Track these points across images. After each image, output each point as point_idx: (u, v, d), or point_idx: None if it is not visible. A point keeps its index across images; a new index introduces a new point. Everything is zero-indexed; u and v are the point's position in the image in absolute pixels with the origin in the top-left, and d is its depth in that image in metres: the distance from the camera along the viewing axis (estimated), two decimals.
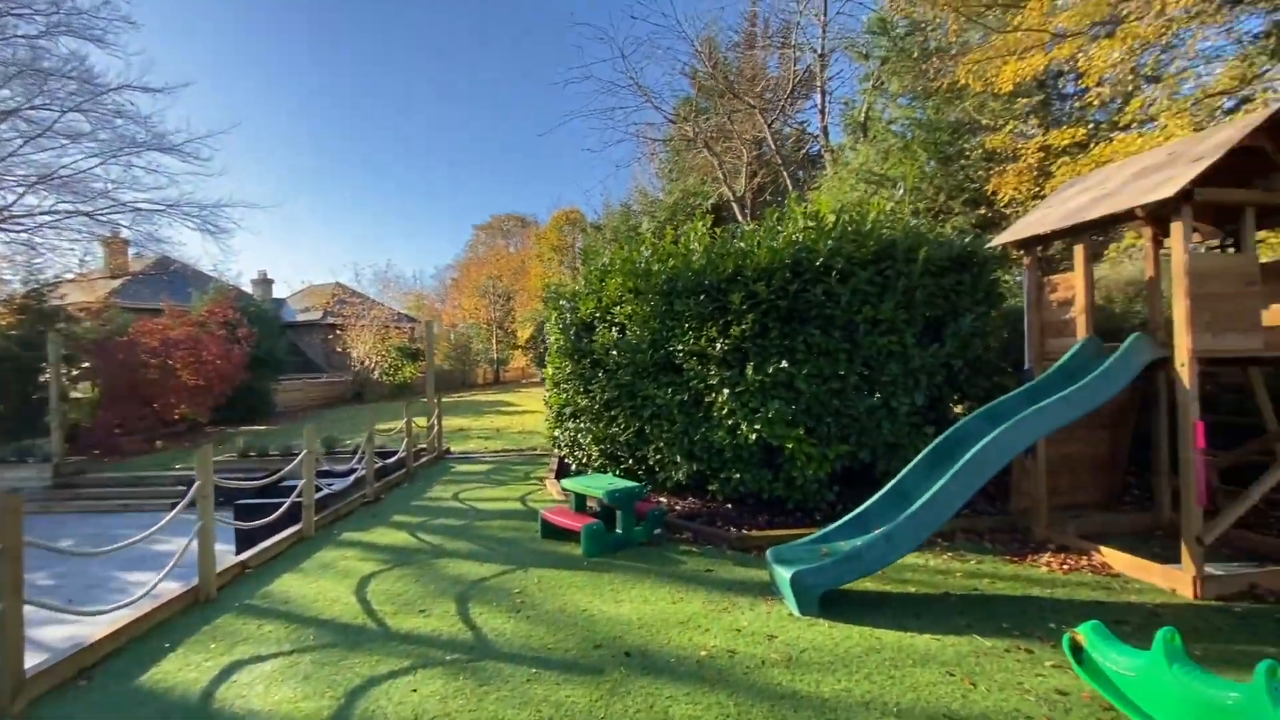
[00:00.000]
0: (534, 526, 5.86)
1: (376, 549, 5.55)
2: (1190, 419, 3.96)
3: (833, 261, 5.59)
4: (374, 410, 9.48)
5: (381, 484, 7.86)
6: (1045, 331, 5.17)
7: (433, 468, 9.63)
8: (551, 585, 4.48)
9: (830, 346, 5.54)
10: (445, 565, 5.02)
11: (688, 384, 6.05)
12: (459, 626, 3.84)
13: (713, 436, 5.85)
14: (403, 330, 30.21)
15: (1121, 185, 4.53)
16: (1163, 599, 3.95)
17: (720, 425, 5.82)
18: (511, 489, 7.83)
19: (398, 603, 4.26)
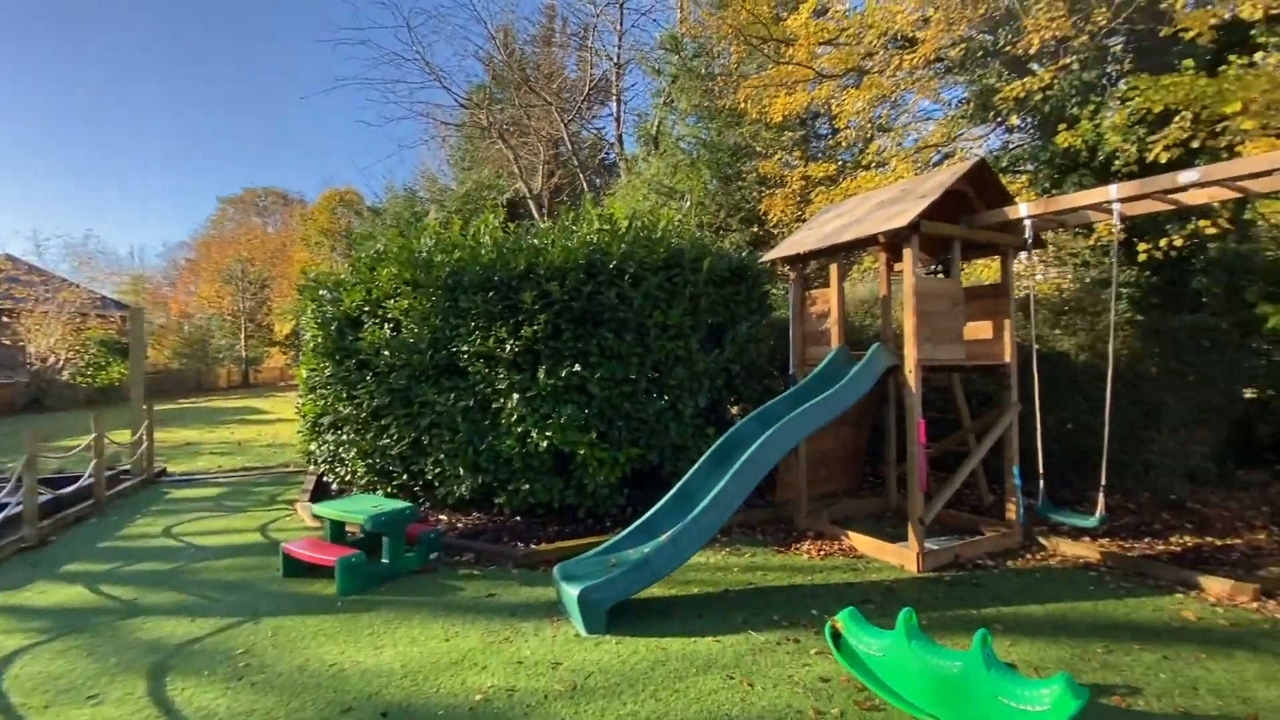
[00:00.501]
0: (275, 563, 4.83)
1: (31, 614, 4.08)
2: (915, 418, 4.62)
3: (626, 265, 5.54)
4: (58, 421, 7.18)
5: (51, 522, 5.92)
6: (806, 340, 5.72)
7: (138, 495, 7.58)
8: (292, 637, 3.65)
9: (623, 350, 5.48)
10: (138, 627, 3.85)
11: (473, 388, 5.52)
12: (147, 713, 2.88)
13: (501, 445, 5.41)
14: (110, 319, 24.13)
15: (866, 214, 5.16)
16: (895, 575, 4.54)
17: (509, 433, 5.41)
18: (250, 517, 6.45)
19: (54, 690, 3.11)
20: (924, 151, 7.14)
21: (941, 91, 7.34)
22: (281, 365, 35.82)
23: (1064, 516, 4.26)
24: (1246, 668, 3.14)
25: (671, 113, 11.99)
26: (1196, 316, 5.76)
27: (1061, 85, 5.34)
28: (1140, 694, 2.94)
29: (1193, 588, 4.14)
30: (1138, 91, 4.48)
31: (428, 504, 6.17)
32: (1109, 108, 4.83)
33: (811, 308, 5.68)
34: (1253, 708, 2.79)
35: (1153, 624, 3.67)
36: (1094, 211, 4.27)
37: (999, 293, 5.25)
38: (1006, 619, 3.78)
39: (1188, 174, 3.62)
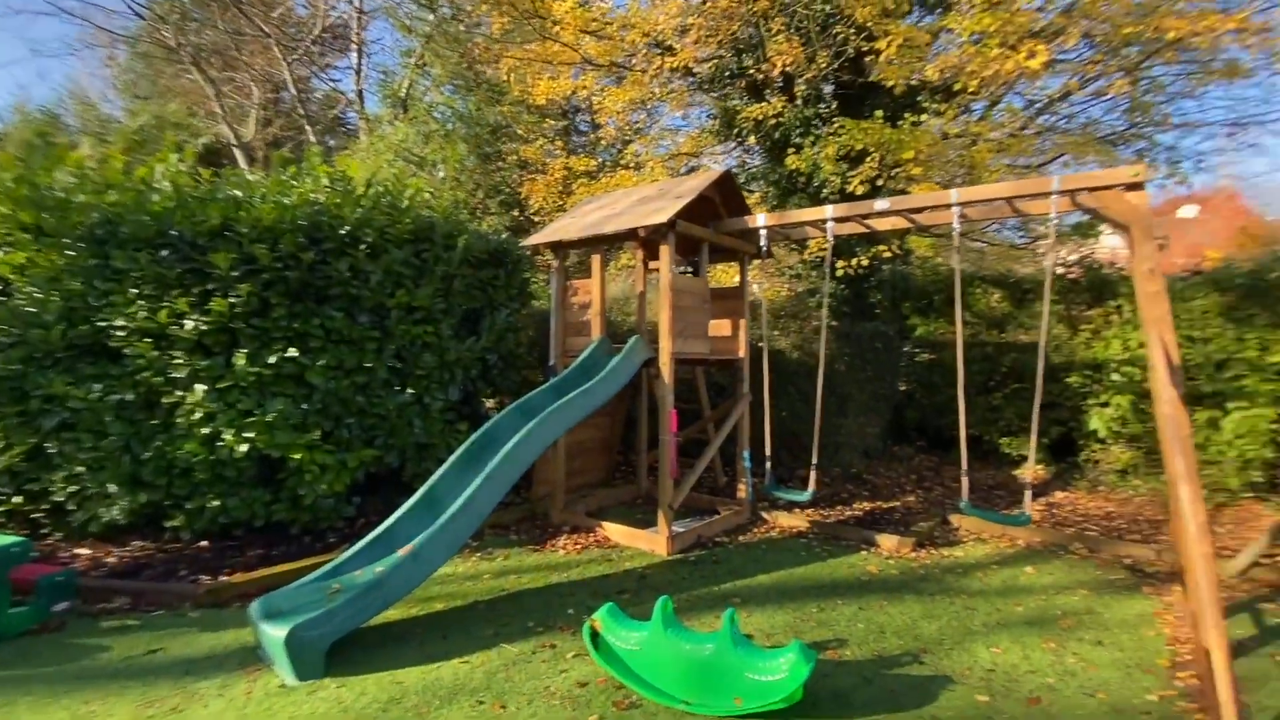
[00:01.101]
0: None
1: None
2: (667, 408, 4.77)
3: (362, 233, 4.71)
4: None
5: None
6: (567, 330, 5.57)
7: None
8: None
9: (357, 334, 4.66)
10: None
11: (133, 377, 4.14)
12: None
13: (176, 451, 4.15)
14: None
15: (627, 208, 5.20)
16: (648, 561, 4.63)
17: (191, 435, 4.18)
18: None
19: None
20: (677, 159, 7.61)
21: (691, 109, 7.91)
22: None
23: (784, 493, 4.80)
24: (914, 608, 3.83)
25: (424, 76, 10.88)
26: (873, 324, 7.11)
27: (789, 116, 6.14)
28: (846, 645, 3.36)
29: (872, 545, 5.01)
30: (844, 131, 5.32)
31: (59, 535, 4.49)
32: (825, 142, 5.68)
33: (573, 298, 5.55)
34: (922, 642, 3.39)
35: (848, 580, 4.31)
36: (813, 228, 4.90)
37: (737, 295, 5.75)
38: (742, 591, 4.09)
39: (881, 202, 4.33)
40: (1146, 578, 4.36)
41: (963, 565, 4.64)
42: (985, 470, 7.18)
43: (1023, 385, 6.88)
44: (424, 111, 9.99)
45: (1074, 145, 5.30)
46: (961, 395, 4.20)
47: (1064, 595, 4.08)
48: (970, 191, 3.95)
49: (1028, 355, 6.85)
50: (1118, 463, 6.43)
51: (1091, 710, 2.78)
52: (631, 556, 4.73)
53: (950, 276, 7.85)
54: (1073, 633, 3.53)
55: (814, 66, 5.60)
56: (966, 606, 3.88)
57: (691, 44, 5.99)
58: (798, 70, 5.62)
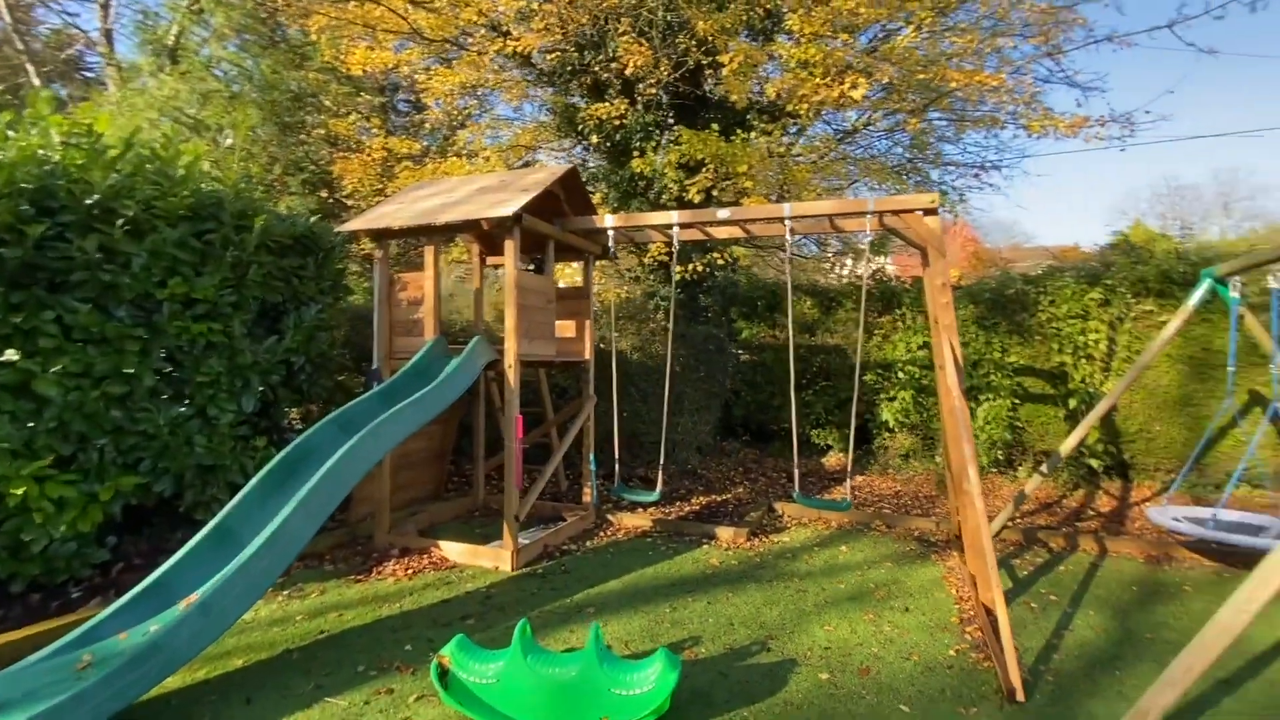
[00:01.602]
0: None
1: None
2: (513, 414, 4.49)
3: (119, 205, 3.74)
4: None
5: None
6: (394, 330, 4.99)
7: None
8: None
9: (112, 331, 3.67)
10: None
11: None
12: None
13: None
14: None
15: (466, 197, 4.81)
16: (492, 579, 4.30)
17: None
18: None
19: None
20: (515, 150, 7.26)
21: (527, 100, 7.61)
22: None
23: (633, 495, 4.79)
24: (756, 597, 4.03)
25: (202, 26, 9.02)
26: (706, 327, 7.47)
27: (631, 119, 6.16)
28: (700, 642, 3.41)
29: (712, 538, 5.21)
30: (684, 140, 5.48)
31: None
32: (668, 149, 5.79)
33: (401, 293, 4.98)
34: (767, 629, 3.57)
35: (695, 576, 4.42)
36: (657, 231, 4.96)
37: (581, 295, 5.64)
38: (595, 600, 3.97)
39: (723, 212, 4.51)
40: (932, 547, 5.09)
41: (790, 550, 5.02)
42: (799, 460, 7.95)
43: (830, 383, 7.72)
44: (201, 66, 8.28)
45: (873, 172, 6.09)
46: (793, 393, 4.53)
47: (874, 569, 4.59)
48: (801, 206, 4.27)
49: (834, 356, 7.70)
50: (901, 448, 7.49)
51: (909, 672, 3.13)
52: (473, 576, 4.37)
53: (771, 285, 8.57)
54: (886, 603, 3.97)
55: (658, 72, 5.69)
56: (799, 589, 4.18)
57: (534, 33, 5.72)
58: (643, 74, 5.67)
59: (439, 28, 6.29)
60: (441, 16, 6.14)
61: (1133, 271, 6.53)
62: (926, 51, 5.20)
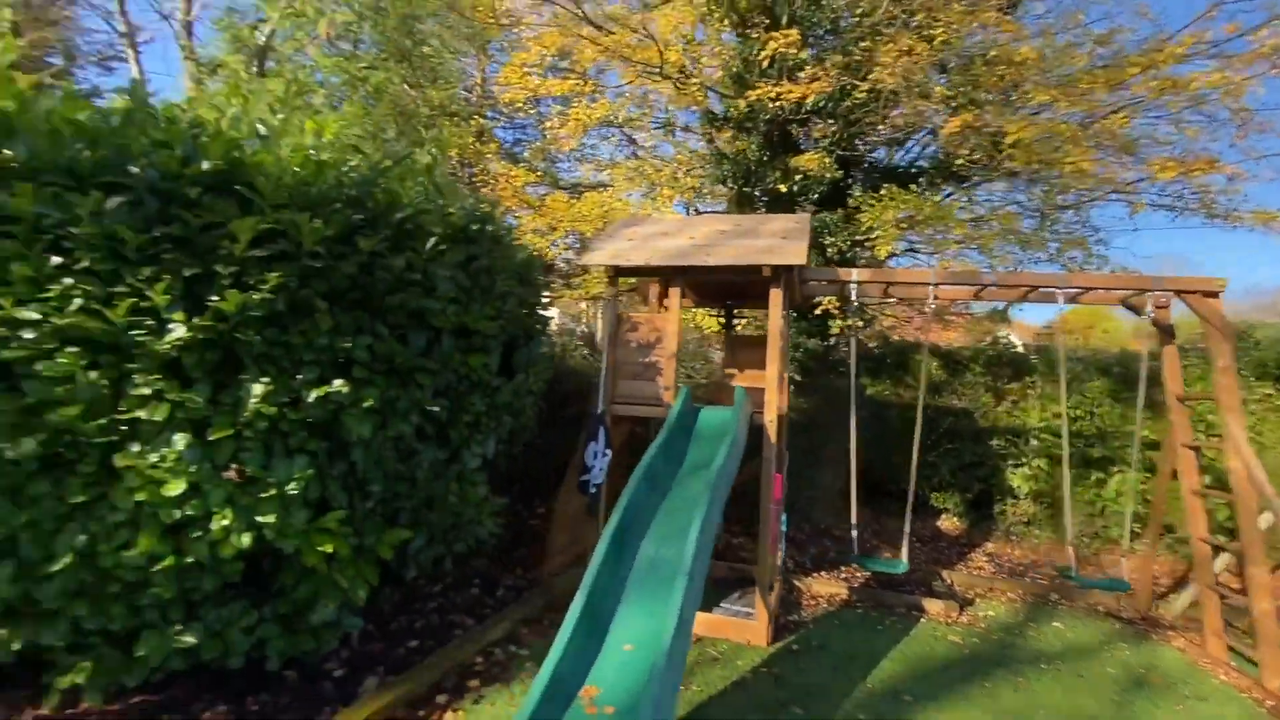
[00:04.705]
0: None
1: None
2: (773, 471, 4.18)
3: (424, 222, 3.33)
4: None
5: None
6: (618, 373, 4.63)
7: None
8: None
9: (407, 362, 3.21)
10: None
11: (41, 417, 2.23)
12: None
13: (119, 552, 2.32)
14: None
15: (716, 239, 4.58)
16: (754, 656, 3.90)
17: (145, 521, 2.38)
18: None
19: None
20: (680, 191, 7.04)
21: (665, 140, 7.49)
22: None
23: (878, 565, 4.52)
24: (1051, 686, 3.79)
25: (302, 28, 8.46)
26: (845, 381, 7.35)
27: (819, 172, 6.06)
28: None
29: (919, 610, 4.95)
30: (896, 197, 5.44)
31: None
32: (886, 204, 5.72)
33: (630, 334, 4.65)
34: None
35: (955, 658, 4.14)
36: (911, 287, 4.80)
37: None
38: (896, 686, 3.64)
39: (988, 275, 4.44)
40: (1133, 625, 4.95)
41: (1009, 626, 4.80)
42: (917, 521, 7.82)
43: (954, 446, 7.68)
44: (305, 78, 7.77)
45: (1069, 244, 6.21)
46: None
47: (1115, 650, 4.43)
48: (1078, 278, 4.25)
49: (961, 419, 7.69)
50: (1024, 515, 7.47)
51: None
52: (728, 652, 3.96)
53: (898, 344, 8.59)
54: (1173, 690, 3.81)
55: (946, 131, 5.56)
56: (1074, 674, 3.98)
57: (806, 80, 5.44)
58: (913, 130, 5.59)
59: (636, 55, 6.07)
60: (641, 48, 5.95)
61: (1252, 355, 6.85)
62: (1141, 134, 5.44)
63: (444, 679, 3.24)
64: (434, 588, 4.28)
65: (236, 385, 2.61)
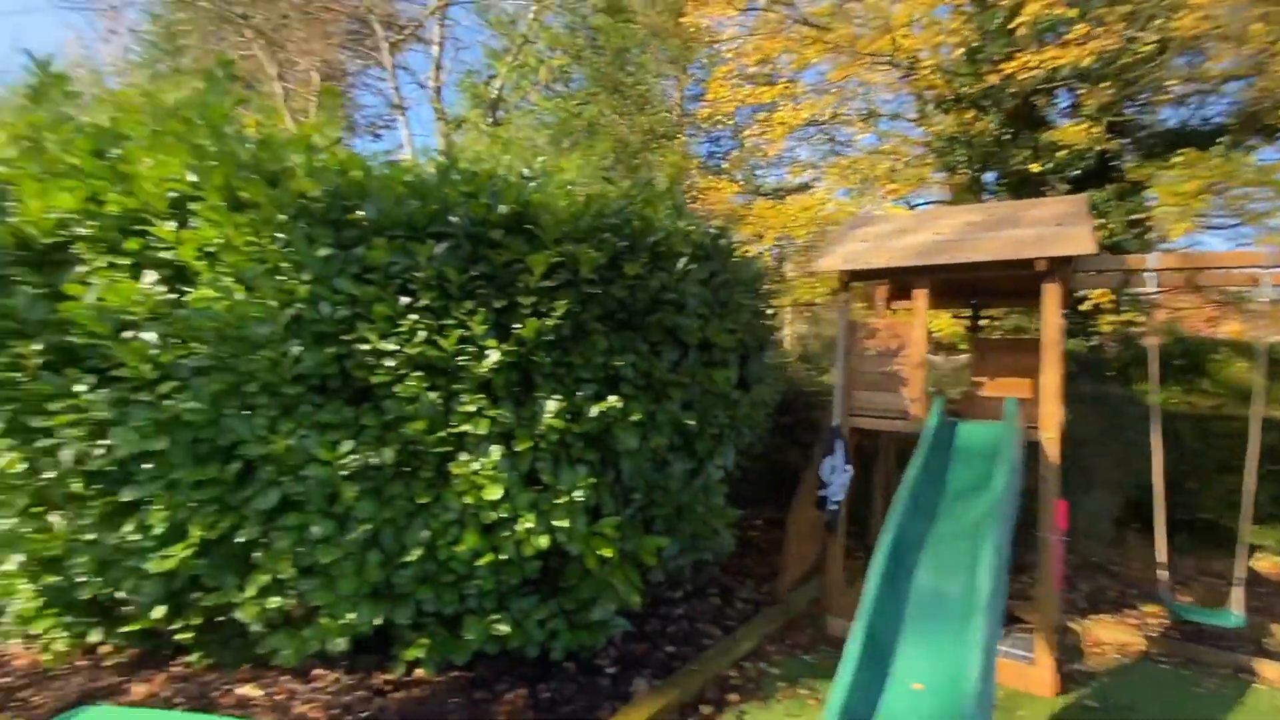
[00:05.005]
0: None
1: None
2: (1053, 496, 3.63)
3: (675, 244, 3.45)
4: None
5: None
6: (854, 384, 4.39)
7: None
8: None
9: (665, 377, 3.35)
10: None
11: (397, 430, 2.70)
12: None
13: (454, 547, 2.71)
14: None
15: (968, 232, 4.13)
16: (1039, 709, 3.40)
17: (468, 521, 2.75)
18: None
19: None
20: (903, 183, 6.62)
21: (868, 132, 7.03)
22: None
23: (1201, 617, 3.71)
24: None
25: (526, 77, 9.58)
26: (1118, 389, 6.22)
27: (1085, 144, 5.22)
28: None
29: (1249, 673, 3.95)
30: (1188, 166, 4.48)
31: (205, 661, 2.94)
32: (1182, 175, 4.80)
33: (867, 341, 4.38)
34: None
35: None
36: (1226, 275, 3.93)
37: None
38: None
39: None
40: None
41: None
42: (1222, 559, 6.32)
43: (1278, 468, 6.07)
44: (528, 114, 8.74)
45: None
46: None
47: None
48: None
49: None
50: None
51: None
52: (998, 699, 3.48)
53: (1192, 341, 7.13)
54: None
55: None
56: None
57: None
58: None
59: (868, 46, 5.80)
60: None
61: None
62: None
63: (705, 689, 3.30)
64: (675, 594, 4.41)
65: (531, 402, 2.92)
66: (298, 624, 2.76)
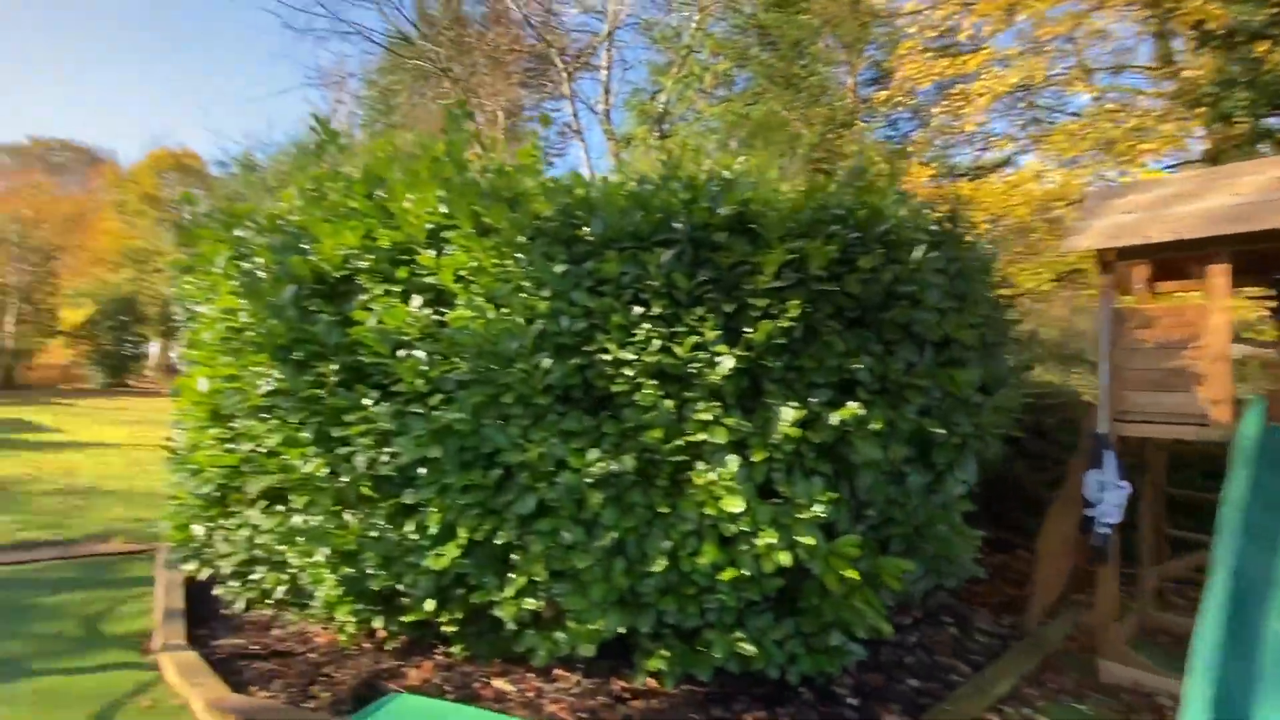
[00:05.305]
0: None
1: None
2: None
3: (905, 231, 3.13)
4: None
5: None
6: (1124, 382, 3.67)
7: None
8: None
9: (901, 379, 3.03)
10: None
11: (636, 438, 2.72)
12: None
13: (695, 559, 2.65)
14: None
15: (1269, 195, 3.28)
16: None
17: (706, 533, 2.68)
18: (53, 694, 2.93)
19: None
20: (1133, 146, 5.62)
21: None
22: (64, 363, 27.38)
23: None
24: None
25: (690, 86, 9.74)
26: None
27: None
28: None
29: None
30: None
31: (468, 652, 3.18)
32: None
33: (1140, 332, 3.66)
34: None
35: None
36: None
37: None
38: None
39: None
40: None
41: None
42: None
43: None
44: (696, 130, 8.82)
45: None
46: None
47: None
48: None
49: None
50: None
51: None
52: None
53: None
54: None
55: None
56: None
57: None
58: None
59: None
60: None
61: None
62: None
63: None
64: (904, 620, 4.01)
65: (762, 409, 2.78)
66: (548, 625, 2.87)
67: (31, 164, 37.25)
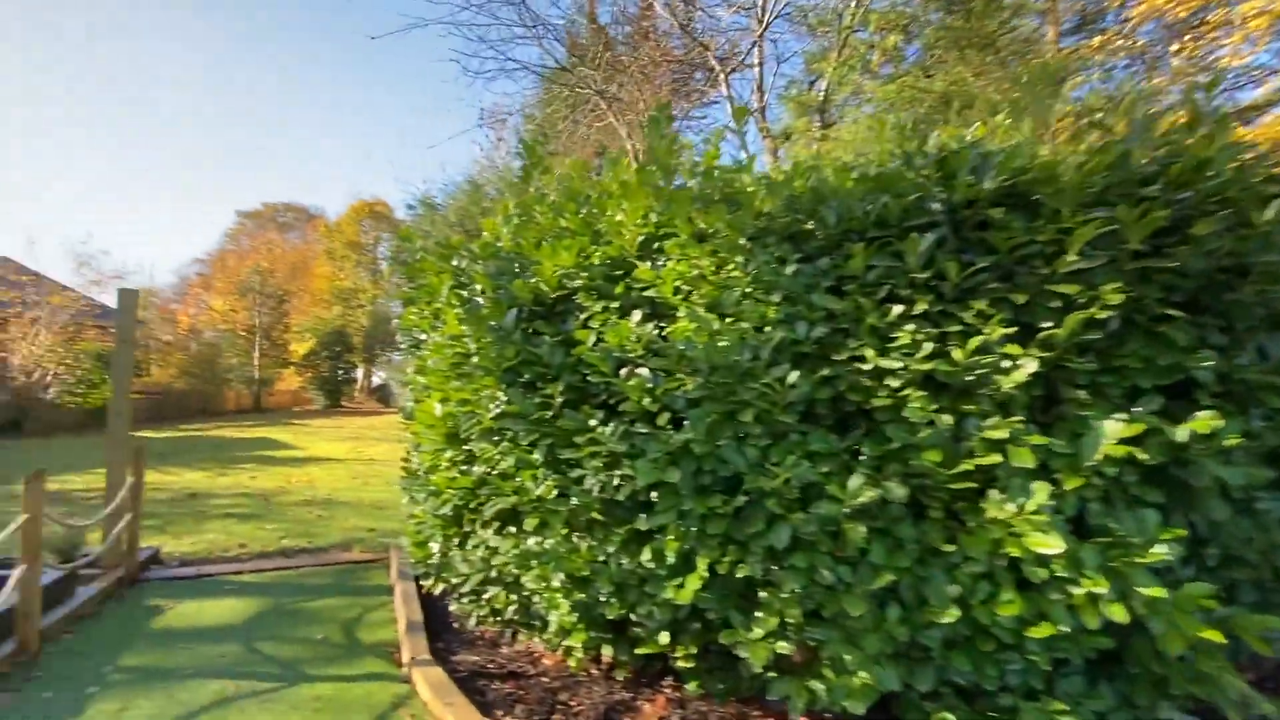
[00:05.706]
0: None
1: None
2: None
3: (1248, 190, 2.41)
4: (40, 451, 4.03)
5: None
6: None
7: (103, 621, 4.21)
8: None
9: (1255, 376, 2.31)
10: None
11: (903, 461, 2.32)
12: None
13: (991, 606, 2.18)
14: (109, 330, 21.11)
15: None
16: None
17: (1001, 575, 2.20)
18: (316, 698, 3.17)
19: None
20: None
21: None
22: (295, 389, 32.62)
23: None
24: None
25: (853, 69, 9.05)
26: None
27: None
28: None
29: None
30: None
31: (691, 688, 2.95)
32: None
33: None
34: None
35: None
36: None
37: None
38: None
39: None
40: None
41: None
42: None
43: None
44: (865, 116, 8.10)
45: None
46: None
47: None
48: None
49: None
50: None
51: None
52: None
53: None
54: None
55: None
56: None
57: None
58: None
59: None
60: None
61: None
62: None
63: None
64: None
65: (1065, 423, 2.24)
66: (796, 670, 2.55)
67: (266, 225, 45.09)
